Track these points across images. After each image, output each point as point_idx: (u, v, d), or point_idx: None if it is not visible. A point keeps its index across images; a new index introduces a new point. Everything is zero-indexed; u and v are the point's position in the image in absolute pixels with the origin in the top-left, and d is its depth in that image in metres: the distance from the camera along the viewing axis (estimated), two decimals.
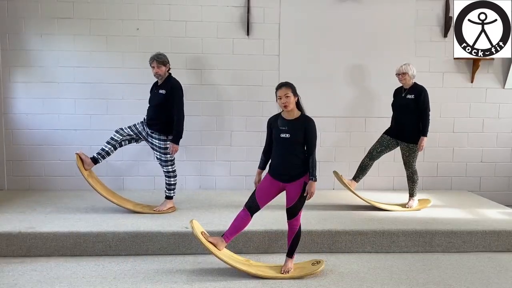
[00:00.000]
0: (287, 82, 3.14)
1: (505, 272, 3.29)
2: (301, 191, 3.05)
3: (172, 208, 4.16)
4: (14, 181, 5.05)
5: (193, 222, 3.13)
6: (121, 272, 3.18)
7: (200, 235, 3.09)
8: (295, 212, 3.09)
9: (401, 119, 4.29)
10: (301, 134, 3.04)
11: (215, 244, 3.10)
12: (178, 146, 4.01)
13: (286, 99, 3.05)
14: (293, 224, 3.11)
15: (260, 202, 3.12)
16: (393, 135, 4.33)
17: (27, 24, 4.90)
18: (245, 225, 3.16)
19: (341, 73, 5.15)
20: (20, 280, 3.01)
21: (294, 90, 3.11)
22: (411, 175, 4.33)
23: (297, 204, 3.07)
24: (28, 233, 3.46)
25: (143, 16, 4.97)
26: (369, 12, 5.10)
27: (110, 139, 4.03)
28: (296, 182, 3.05)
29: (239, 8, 5.03)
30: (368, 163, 4.37)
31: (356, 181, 4.40)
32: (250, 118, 5.16)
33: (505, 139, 5.34)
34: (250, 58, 5.08)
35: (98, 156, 4.01)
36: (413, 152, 4.24)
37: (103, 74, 4.99)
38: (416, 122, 4.22)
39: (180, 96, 4.00)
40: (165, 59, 4.00)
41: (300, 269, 3.18)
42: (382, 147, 4.35)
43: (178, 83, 4.05)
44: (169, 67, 4.05)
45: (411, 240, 3.67)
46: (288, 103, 3.05)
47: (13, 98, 4.97)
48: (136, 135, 4.07)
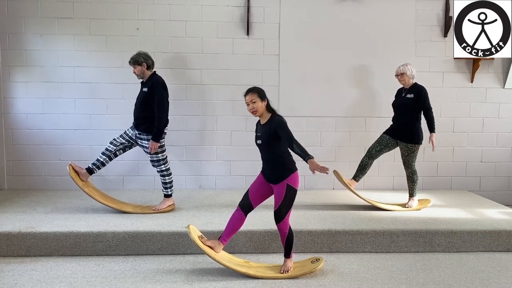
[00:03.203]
0: (254, 87, 3.11)
1: (505, 272, 3.29)
2: (285, 193, 3.00)
3: (172, 206, 4.17)
4: (14, 181, 5.05)
5: (190, 227, 3.13)
6: (121, 272, 3.18)
7: (198, 239, 3.09)
8: (280, 215, 3.03)
9: (401, 119, 4.29)
10: (273, 136, 3.00)
11: (212, 247, 3.10)
12: (158, 144, 3.97)
13: (253, 104, 3.03)
14: (281, 228, 3.07)
15: (253, 201, 3.12)
16: (392, 134, 4.33)
17: (27, 24, 4.90)
18: (240, 225, 3.16)
19: (341, 73, 5.15)
20: (20, 280, 3.01)
21: (262, 94, 3.06)
22: (410, 175, 4.33)
23: (281, 206, 3.01)
24: (28, 233, 3.46)
25: (143, 16, 4.97)
26: (369, 12, 5.10)
27: (105, 150, 4.06)
28: (279, 184, 3.02)
29: (239, 8, 5.03)
30: (367, 162, 4.37)
31: (356, 181, 4.40)
32: (250, 118, 5.14)
33: (505, 139, 5.34)
34: (250, 58, 5.08)
35: (93, 166, 4.04)
36: (412, 152, 4.24)
37: (103, 74, 4.99)
38: (416, 122, 4.22)
39: (160, 93, 3.94)
40: (139, 58, 3.96)
41: (299, 268, 3.18)
42: (381, 146, 4.35)
43: (159, 81, 4.00)
44: (146, 66, 3.98)
45: (411, 240, 3.67)
46: (255, 109, 3.04)
47: (13, 98, 4.97)
48: (128, 142, 4.08)
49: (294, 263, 3.21)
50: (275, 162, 3.05)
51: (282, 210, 3.02)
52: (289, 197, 3.01)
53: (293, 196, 3.03)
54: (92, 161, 4.08)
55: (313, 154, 2.91)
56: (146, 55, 4.03)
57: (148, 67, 4.02)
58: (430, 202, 4.45)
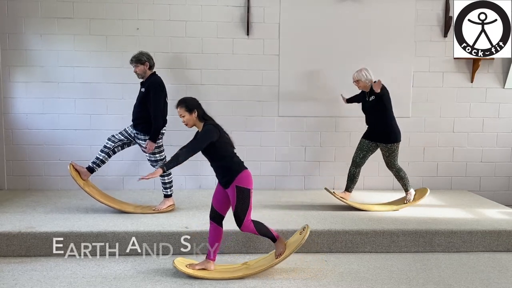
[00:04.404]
0: (182, 99, 3.11)
1: (505, 272, 3.29)
2: (236, 195, 2.98)
3: (172, 206, 4.17)
4: (14, 181, 5.05)
5: (175, 262, 3.11)
6: (121, 272, 3.18)
7: (187, 269, 3.08)
8: (238, 217, 3.01)
9: (373, 121, 4.32)
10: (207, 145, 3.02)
11: (205, 268, 3.11)
12: (155, 144, 3.96)
13: (183, 118, 3.07)
14: (247, 230, 3.07)
15: (219, 210, 3.12)
16: (370, 138, 4.32)
17: (27, 24, 4.90)
18: (220, 236, 3.15)
19: (341, 73, 5.14)
20: (20, 280, 3.01)
21: (189, 106, 3.05)
22: (397, 173, 4.32)
23: (237, 208, 2.99)
24: (28, 233, 3.46)
25: (143, 16, 4.97)
26: (369, 12, 5.10)
27: (103, 147, 4.05)
28: (230, 187, 3.01)
29: (239, 8, 5.03)
30: (355, 171, 4.36)
31: (349, 191, 4.39)
32: (250, 118, 5.16)
33: (505, 139, 5.34)
34: (250, 58, 5.08)
35: (93, 165, 4.04)
36: (393, 151, 4.24)
37: (103, 74, 4.99)
38: (388, 121, 4.22)
39: (156, 92, 3.92)
40: (142, 57, 3.97)
41: (291, 245, 3.16)
42: (363, 152, 4.34)
43: (157, 80, 4.00)
44: (148, 65, 3.98)
45: (411, 240, 3.67)
46: (186, 122, 3.07)
47: (13, 98, 4.97)
48: (127, 139, 4.08)
49: (286, 243, 3.20)
50: (219, 168, 3.07)
51: (239, 212, 3.00)
52: (242, 198, 2.99)
53: (247, 196, 3.00)
54: (92, 160, 4.07)
55: (313, 154, 2.91)
56: (149, 55, 4.04)
57: (150, 67, 4.02)
58: (427, 192, 4.41)
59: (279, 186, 5.24)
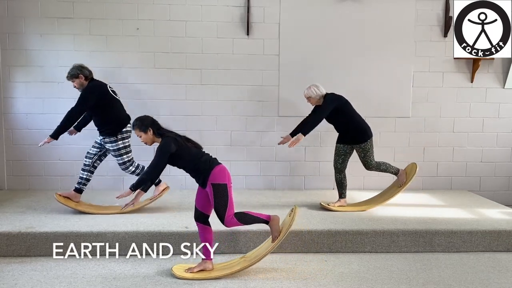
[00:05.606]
0: (135, 120, 3.15)
1: (505, 272, 3.29)
2: (213, 192, 2.99)
3: (166, 189, 4.25)
4: (14, 181, 5.05)
5: (173, 270, 3.11)
6: (121, 272, 3.18)
7: (186, 274, 3.08)
8: (220, 214, 3.01)
9: (340, 128, 4.30)
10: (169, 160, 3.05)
11: (203, 269, 3.11)
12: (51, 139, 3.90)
13: (140, 138, 3.12)
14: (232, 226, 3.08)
15: (203, 209, 3.12)
16: (344, 141, 4.30)
17: (27, 24, 4.90)
18: (211, 236, 3.15)
19: (341, 73, 5.14)
20: (20, 280, 3.01)
21: (142, 126, 3.09)
22: (378, 169, 4.29)
23: (216, 205, 3.00)
24: (28, 233, 3.46)
25: (143, 16, 4.97)
26: (369, 12, 5.10)
27: (84, 165, 4.09)
28: (207, 186, 3.03)
29: (239, 8, 5.03)
30: (340, 177, 4.34)
31: (344, 197, 4.36)
32: (250, 118, 5.16)
33: (505, 139, 5.34)
34: (250, 58, 5.08)
35: (79, 186, 4.08)
36: (367, 150, 4.21)
37: (103, 74, 4.97)
38: (353, 122, 4.20)
39: (83, 95, 3.90)
40: (75, 71, 3.93)
41: (284, 227, 3.14)
42: (341, 157, 4.31)
43: (90, 85, 3.96)
44: (83, 77, 3.94)
45: (411, 240, 3.67)
46: (145, 141, 3.13)
47: (13, 98, 4.97)
48: (100, 149, 4.11)
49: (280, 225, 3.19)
50: (191, 171, 3.11)
51: (219, 209, 3.00)
52: (219, 194, 2.99)
53: (224, 192, 3.00)
54: (77, 181, 4.09)
55: (313, 154, 2.91)
56: (81, 66, 3.97)
57: (86, 78, 3.97)
58: (416, 167, 4.32)
59: (279, 186, 5.24)
